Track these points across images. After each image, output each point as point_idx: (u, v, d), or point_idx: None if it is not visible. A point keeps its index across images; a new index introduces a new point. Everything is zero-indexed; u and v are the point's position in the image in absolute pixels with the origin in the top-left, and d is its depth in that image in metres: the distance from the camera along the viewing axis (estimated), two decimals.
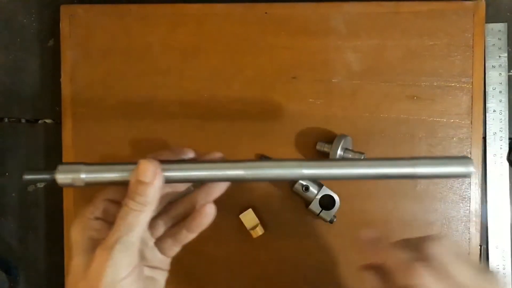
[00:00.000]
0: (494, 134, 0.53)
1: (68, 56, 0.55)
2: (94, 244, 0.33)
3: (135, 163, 0.34)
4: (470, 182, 0.52)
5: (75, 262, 0.34)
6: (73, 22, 0.55)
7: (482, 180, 0.53)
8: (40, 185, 0.58)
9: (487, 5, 0.51)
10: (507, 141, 0.53)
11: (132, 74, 0.54)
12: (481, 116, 0.52)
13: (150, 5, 0.54)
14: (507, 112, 0.53)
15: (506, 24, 0.53)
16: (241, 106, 0.53)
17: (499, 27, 0.53)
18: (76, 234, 0.35)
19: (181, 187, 0.38)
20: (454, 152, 0.52)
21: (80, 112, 0.55)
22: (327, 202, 0.51)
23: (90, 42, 0.55)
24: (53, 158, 0.57)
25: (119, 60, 0.54)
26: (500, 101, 0.53)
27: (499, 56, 0.53)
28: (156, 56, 0.54)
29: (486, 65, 0.53)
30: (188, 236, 0.38)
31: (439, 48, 0.52)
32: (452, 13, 0.52)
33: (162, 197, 0.37)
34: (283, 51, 0.53)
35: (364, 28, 0.52)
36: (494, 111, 0.53)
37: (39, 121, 0.58)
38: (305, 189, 0.50)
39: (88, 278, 0.32)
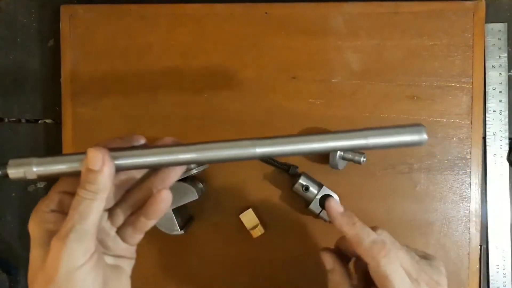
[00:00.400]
0: (494, 134, 0.53)
1: (68, 56, 0.55)
2: (51, 236, 0.33)
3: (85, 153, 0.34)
4: (470, 182, 0.52)
5: (33, 255, 0.34)
6: (73, 22, 0.55)
7: (482, 180, 0.53)
8: (40, 185, 0.58)
9: (487, 5, 0.51)
10: (507, 141, 0.53)
11: (132, 74, 0.54)
12: (481, 116, 0.52)
13: (150, 5, 0.54)
14: (507, 112, 0.53)
15: (506, 24, 0.53)
16: (241, 106, 0.53)
17: (499, 27, 0.53)
18: (33, 228, 0.35)
19: (137, 174, 0.38)
20: (454, 152, 0.52)
21: (80, 112, 0.55)
22: None
23: (90, 42, 0.55)
24: None
25: (119, 60, 0.54)
26: (500, 101, 0.53)
27: (499, 56, 0.53)
28: (156, 56, 0.54)
29: (486, 65, 0.53)
30: (147, 223, 0.37)
31: (439, 48, 0.52)
32: (452, 13, 0.52)
33: (119, 186, 0.37)
34: (283, 51, 0.53)
35: (364, 28, 0.52)
36: (494, 111, 0.53)
37: (39, 121, 0.58)
38: (305, 189, 0.50)
39: (46, 269, 0.32)
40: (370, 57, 0.52)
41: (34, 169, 0.35)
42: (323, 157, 0.52)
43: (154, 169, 0.38)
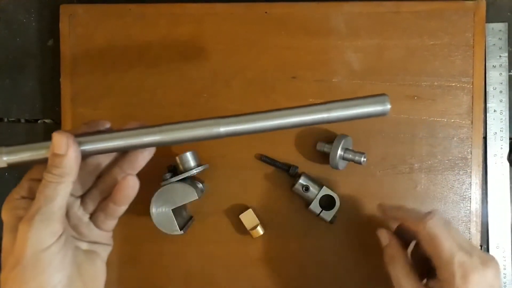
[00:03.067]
0: (494, 134, 0.53)
1: (67, 56, 0.55)
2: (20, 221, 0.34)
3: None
4: (470, 182, 0.52)
5: (4, 240, 0.35)
6: (72, 22, 0.55)
7: (482, 180, 0.52)
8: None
9: (488, 5, 0.51)
10: (507, 141, 0.53)
11: (131, 74, 0.54)
12: (482, 116, 0.52)
13: (150, 5, 0.54)
14: (507, 112, 0.53)
15: (506, 24, 0.53)
16: (241, 106, 0.53)
17: (499, 27, 0.53)
18: (5, 214, 0.36)
19: (106, 160, 0.38)
20: (455, 152, 0.52)
21: (80, 112, 0.55)
22: (327, 202, 0.51)
23: (89, 41, 0.54)
24: None
25: (118, 60, 0.54)
26: (501, 101, 0.53)
27: (500, 56, 0.53)
28: (155, 56, 0.54)
29: (486, 65, 0.53)
30: (117, 209, 0.38)
31: (440, 48, 0.52)
32: (452, 13, 0.51)
33: (90, 172, 0.38)
34: (283, 50, 0.53)
35: (364, 28, 0.52)
36: (495, 111, 0.53)
37: (39, 121, 0.58)
38: (305, 189, 0.50)
39: (14, 251, 0.33)
40: (371, 57, 0.52)
41: (4, 158, 0.35)
42: (324, 157, 0.52)
43: (122, 154, 0.38)
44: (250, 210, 0.53)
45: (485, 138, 0.53)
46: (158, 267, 0.55)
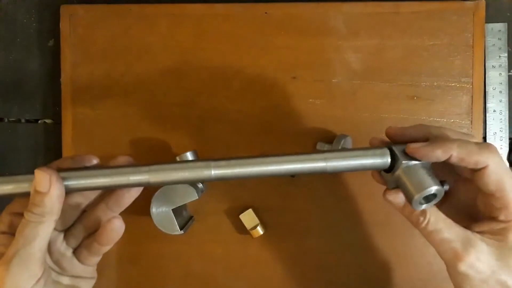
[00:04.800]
0: (494, 134, 0.53)
1: (68, 56, 0.55)
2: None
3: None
4: None
5: None
6: (73, 22, 0.55)
7: None
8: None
9: (487, 5, 0.51)
10: (507, 141, 0.53)
11: (132, 74, 0.54)
12: (481, 116, 0.52)
13: (150, 5, 0.54)
14: (507, 112, 0.53)
15: (506, 24, 0.53)
16: (241, 106, 0.53)
17: (499, 27, 0.53)
18: None
19: (92, 195, 0.37)
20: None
21: (80, 112, 0.55)
22: None
23: (90, 42, 0.55)
24: (52, 158, 0.57)
25: (119, 60, 0.54)
26: (500, 101, 0.53)
27: (499, 56, 0.53)
28: (156, 56, 0.54)
29: (486, 65, 0.53)
30: (101, 248, 0.37)
31: (439, 48, 0.52)
32: (452, 13, 0.52)
33: (74, 207, 0.37)
34: (283, 51, 0.53)
35: (364, 28, 0.52)
36: (494, 111, 0.53)
37: (39, 121, 0.58)
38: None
39: None
40: (370, 57, 0.52)
41: None
42: None
43: (108, 190, 0.37)
44: (250, 210, 0.53)
45: (484, 138, 0.53)
46: (158, 267, 0.55)
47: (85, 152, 0.54)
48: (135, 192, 0.37)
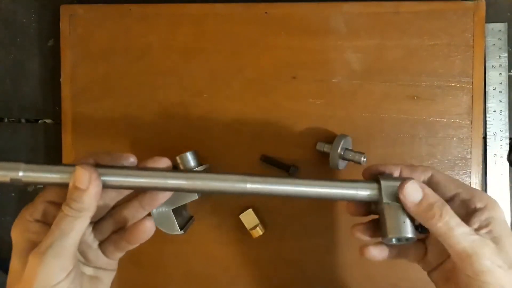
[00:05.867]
0: (494, 134, 0.53)
1: (68, 56, 0.55)
2: (32, 247, 0.33)
3: (74, 165, 0.34)
4: (470, 182, 0.52)
5: (12, 263, 0.34)
6: (73, 22, 0.55)
7: (482, 180, 0.52)
8: (40, 185, 0.58)
9: (487, 5, 0.51)
10: (507, 141, 0.53)
11: (132, 74, 0.54)
12: (481, 116, 0.52)
13: (150, 5, 0.54)
14: (507, 112, 0.53)
15: (506, 24, 0.53)
16: (241, 106, 0.53)
17: (499, 27, 0.53)
18: (16, 236, 0.35)
19: (125, 192, 0.38)
20: (455, 152, 0.52)
21: (80, 112, 0.55)
22: None
23: (90, 42, 0.55)
24: (53, 158, 0.57)
25: (119, 60, 0.54)
26: (500, 101, 0.53)
27: (499, 56, 0.53)
28: (156, 56, 0.54)
29: (486, 65, 0.53)
30: (128, 246, 0.38)
31: (439, 48, 0.52)
32: (452, 13, 0.51)
33: (107, 201, 0.37)
34: (283, 51, 0.53)
35: (364, 28, 0.52)
36: (494, 111, 0.53)
37: (39, 121, 0.58)
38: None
39: (22, 281, 0.32)
40: (370, 57, 0.52)
41: (21, 174, 0.34)
42: (323, 157, 0.52)
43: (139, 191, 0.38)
44: (250, 210, 0.53)
45: (484, 138, 0.53)
46: (158, 267, 0.55)
47: (84, 152, 0.54)
48: (169, 193, 0.38)
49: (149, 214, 0.52)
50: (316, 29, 0.52)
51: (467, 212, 0.35)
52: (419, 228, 0.36)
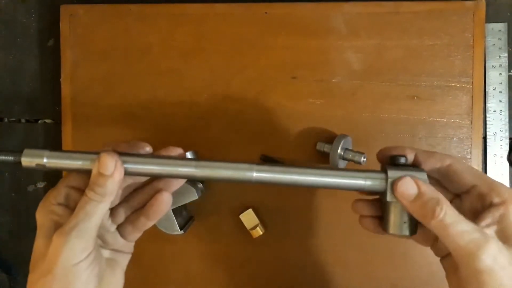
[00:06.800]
0: (494, 134, 0.53)
1: (68, 56, 0.55)
2: (56, 228, 0.35)
3: (96, 152, 0.36)
4: None
5: (37, 243, 0.36)
6: (73, 22, 0.55)
7: None
8: (40, 185, 0.58)
9: (487, 5, 0.51)
10: (507, 141, 0.53)
11: (132, 74, 0.54)
12: (481, 116, 0.52)
13: (150, 5, 0.54)
14: (507, 112, 0.53)
15: (506, 24, 0.53)
16: (241, 106, 0.53)
17: (499, 27, 0.53)
18: (40, 217, 0.36)
19: (142, 178, 0.40)
20: (455, 152, 0.52)
21: (80, 112, 0.55)
22: None
23: (90, 42, 0.55)
24: None
25: (119, 60, 0.54)
26: (500, 101, 0.53)
27: (499, 56, 0.53)
28: (156, 56, 0.54)
29: (486, 65, 0.53)
30: (146, 223, 0.39)
31: (439, 48, 0.52)
32: (452, 13, 0.52)
33: (126, 188, 0.39)
34: (283, 51, 0.53)
35: (364, 28, 0.52)
36: (494, 111, 0.53)
37: (39, 121, 0.58)
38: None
39: (46, 260, 0.34)
40: (370, 57, 0.52)
41: (45, 160, 0.37)
42: (323, 157, 0.52)
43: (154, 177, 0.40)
44: (250, 210, 0.53)
45: (484, 138, 0.53)
46: (158, 267, 0.55)
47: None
48: (182, 180, 0.40)
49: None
50: (316, 29, 0.52)
51: (482, 206, 0.34)
52: (416, 228, 0.36)
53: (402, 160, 0.37)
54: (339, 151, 0.49)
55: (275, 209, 0.53)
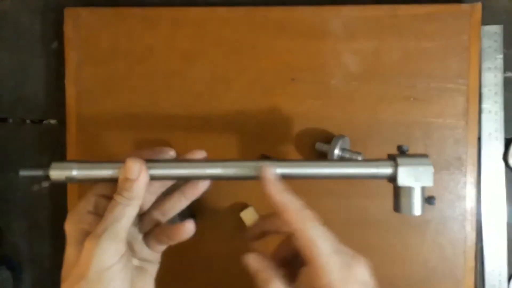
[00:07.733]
0: (489, 135, 0.54)
1: (71, 58, 0.56)
2: (86, 236, 0.35)
3: (122, 162, 0.37)
4: (465, 182, 0.53)
5: (68, 253, 0.36)
6: (76, 25, 0.56)
7: (477, 180, 0.53)
8: (45, 184, 0.59)
9: (483, 8, 0.52)
10: (502, 142, 0.54)
11: (134, 76, 0.55)
12: (477, 117, 0.53)
13: (153, 9, 0.55)
14: (502, 113, 0.54)
15: (501, 26, 0.54)
16: (241, 107, 0.54)
17: (495, 29, 0.54)
18: (70, 227, 0.37)
19: (168, 183, 0.41)
20: (450, 152, 0.53)
21: (84, 112, 0.56)
22: None
23: (93, 44, 0.55)
24: (57, 158, 0.58)
25: (121, 62, 0.55)
26: (496, 102, 0.54)
27: (495, 58, 0.54)
28: (158, 58, 0.55)
29: (482, 66, 0.54)
30: (169, 242, 0.40)
31: (436, 50, 0.52)
32: (448, 15, 0.52)
33: (152, 193, 0.40)
34: (283, 53, 0.54)
35: (362, 31, 0.53)
36: (490, 112, 0.54)
37: (44, 122, 0.59)
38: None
39: (79, 265, 0.34)
40: (368, 59, 0.53)
41: (74, 173, 0.37)
42: (322, 156, 0.52)
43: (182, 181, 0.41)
44: (251, 207, 0.53)
45: (479, 138, 0.54)
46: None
47: (88, 152, 0.55)
48: (208, 181, 0.40)
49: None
50: (315, 32, 0.53)
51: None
52: (428, 200, 0.40)
53: (405, 148, 0.40)
54: (337, 151, 0.50)
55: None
